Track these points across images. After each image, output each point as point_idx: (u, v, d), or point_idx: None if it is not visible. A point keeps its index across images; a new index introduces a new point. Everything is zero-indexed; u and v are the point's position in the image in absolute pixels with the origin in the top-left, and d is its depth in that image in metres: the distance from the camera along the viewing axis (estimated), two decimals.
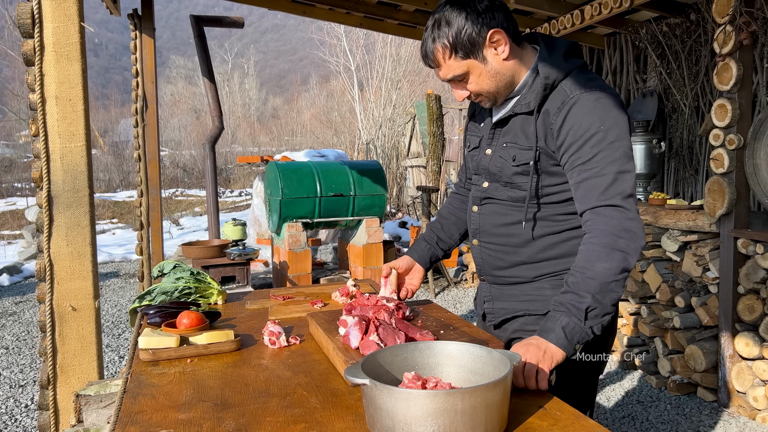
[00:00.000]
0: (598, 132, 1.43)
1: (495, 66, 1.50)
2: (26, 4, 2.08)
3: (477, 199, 1.70)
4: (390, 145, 16.78)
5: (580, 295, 1.35)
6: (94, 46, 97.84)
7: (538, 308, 1.61)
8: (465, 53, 1.47)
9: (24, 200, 17.17)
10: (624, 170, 1.43)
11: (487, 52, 1.48)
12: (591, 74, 1.53)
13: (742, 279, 3.34)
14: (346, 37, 22.52)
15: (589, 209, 1.44)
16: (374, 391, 1.02)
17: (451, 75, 1.51)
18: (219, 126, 6.69)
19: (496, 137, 1.62)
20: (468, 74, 1.51)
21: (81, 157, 2.16)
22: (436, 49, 1.49)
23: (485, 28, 1.45)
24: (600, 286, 1.35)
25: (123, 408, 1.22)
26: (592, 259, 1.38)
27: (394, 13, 5.59)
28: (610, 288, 1.36)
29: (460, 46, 1.46)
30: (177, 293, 2.02)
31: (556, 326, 1.34)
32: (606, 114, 1.45)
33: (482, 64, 1.49)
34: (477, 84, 1.52)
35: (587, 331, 1.34)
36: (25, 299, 6.77)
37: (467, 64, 1.49)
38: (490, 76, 1.51)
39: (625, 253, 1.37)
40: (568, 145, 1.46)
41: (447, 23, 1.46)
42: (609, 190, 1.41)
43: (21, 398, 3.90)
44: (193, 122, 31.42)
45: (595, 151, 1.43)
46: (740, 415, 3.38)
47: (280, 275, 6.40)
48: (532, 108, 1.52)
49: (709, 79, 4.41)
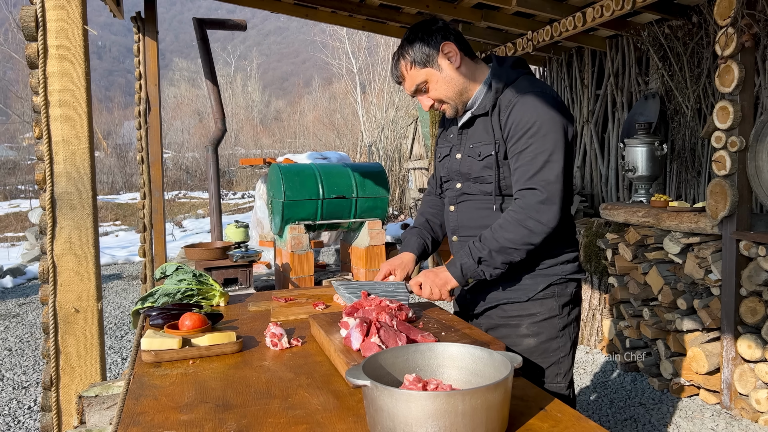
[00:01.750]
0: (533, 126, 1.66)
1: (449, 73, 1.75)
2: (30, 7, 2.09)
3: (453, 199, 1.89)
4: (392, 147, 16.79)
5: (482, 247, 1.67)
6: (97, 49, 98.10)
7: (520, 296, 1.78)
8: (422, 63, 1.73)
9: (27, 202, 17.21)
10: (551, 160, 1.64)
11: (441, 62, 1.74)
12: (534, 80, 1.77)
13: (744, 281, 3.33)
14: (348, 40, 22.56)
15: (518, 190, 1.69)
16: (375, 393, 1.02)
17: (415, 84, 1.76)
18: (222, 128, 6.71)
19: (463, 141, 1.84)
20: (427, 82, 1.76)
21: (84, 160, 2.17)
22: (400, 65, 1.77)
23: (436, 41, 1.73)
24: (498, 248, 1.65)
25: (125, 409, 1.23)
26: (503, 225, 1.67)
27: (397, 16, 5.60)
28: (507, 252, 1.65)
29: (418, 58, 1.73)
30: (179, 295, 2.03)
31: (457, 262, 1.71)
32: (542, 111, 1.66)
33: (438, 71, 1.74)
34: (436, 91, 1.77)
35: (479, 272, 1.68)
36: (29, 301, 6.79)
37: (425, 72, 1.74)
38: (446, 82, 1.75)
39: (531, 231, 1.64)
40: (511, 137, 1.70)
41: (408, 43, 1.75)
42: (535, 176, 1.65)
43: (24, 400, 3.91)
44: (195, 125, 31.47)
45: (529, 143, 1.66)
46: (743, 418, 3.38)
47: (282, 277, 6.40)
48: (487, 109, 1.75)
49: (711, 81, 4.41)
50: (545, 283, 1.76)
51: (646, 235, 3.99)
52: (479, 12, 5.21)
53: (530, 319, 1.76)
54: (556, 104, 1.68)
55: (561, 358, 1.77)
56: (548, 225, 1.63)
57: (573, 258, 1.81)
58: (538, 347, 1.76)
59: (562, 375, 1.78)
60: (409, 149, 14.29)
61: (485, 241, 1.67)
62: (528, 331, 1.75)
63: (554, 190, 1.63)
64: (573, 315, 1.81)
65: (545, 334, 1.76)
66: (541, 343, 1.76)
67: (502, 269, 1.68)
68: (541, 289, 1.76)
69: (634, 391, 3.89)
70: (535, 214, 1.63)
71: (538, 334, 1.75)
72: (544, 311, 1.76)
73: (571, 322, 1.80)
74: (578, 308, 1.85)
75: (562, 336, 1.77)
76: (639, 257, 4.06)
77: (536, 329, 1.75)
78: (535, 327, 1.75)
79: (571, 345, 1.80)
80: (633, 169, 4.41)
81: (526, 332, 1.75)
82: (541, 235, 1.64)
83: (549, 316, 1.76)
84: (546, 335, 1.76)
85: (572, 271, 1.79)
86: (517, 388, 1.27)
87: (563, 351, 1.77)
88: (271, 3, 5.46)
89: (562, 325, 1.77)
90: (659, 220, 3.82)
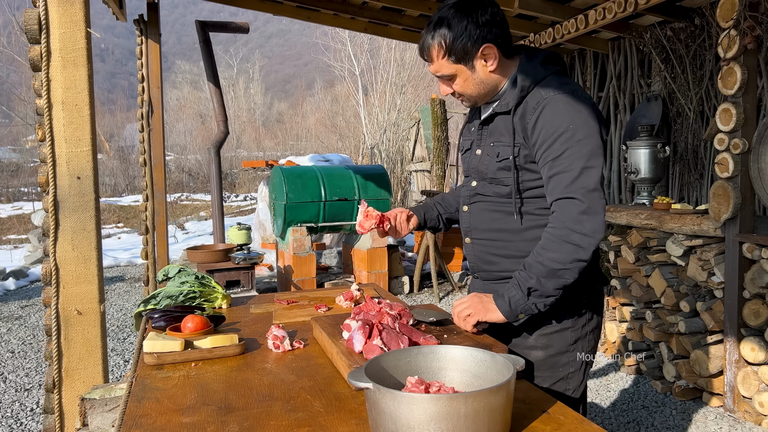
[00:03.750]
0: (567, 130, 1.52)
1: (481, 76, 1.62)
2: (33, 10, 2.10)
3: (467, 198, 1.78)
4: (394, 149, 16.80)
5: (529, 275, 1.51)
6: (100, 52, 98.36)
7: None
8: (457, 58, 1.58)
9: (30, 204, 17.26)
10: (589, 166, 1.51)
11: (477, 63, 1.59)
12: (566, 79, 1.62)
13: (747, 284, 3.32)
14: (350, 42, 22.59)
15: (554, 200, 1.54)
16: (377, 395, 1.02)
17: (441, 73, 1.62)
18: (224, 131, 6.72)
19: (483, 138, 1.72)
20: (456, 76, 1.62)
21: (87, 162, 2.17)
22: (432, 46, 1.59)
23: (480, 40, 1.56)
24: (547, 272, 1.49)
25: (128, 411, 1.23)
26: (546, 246, 1.51)
27: (399, 18, 5.61)
28: (557, 274, 1.49)
29: (454, 51, 1.57)
30: (182, 297, 2.03)
31: (505, 294, 1.53)
32: (576, 114, 1.53)
33: (470, 71, 1.61)
34: (461, 87, 1.64)
35: (530, 306, 1.51)
36: (31, 303, 6.80)
37: (456, 68, 1.60)
38: (476, 83, 1.63)
39: (578, 246, 1.48)
40: (541, 143, 1.55)
41: (448, 26, 1.55)
42: (573, 184, 1.50)
43: (26, 402, 3.91)
44: (198, 127, 31.51)
45: (564, 148, 1.52)
46: (746, 421, 3.36)
47: (284, 279, 6.41)
48: (510, 108, 1.61)
49: (714, 83, 4.41)
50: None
51: (649, 238, 3.98)
52: None
53: (540, 330, 1.64)
54: (589, 105, 1.55)
55: (570, 373, 1.65)
56: (595, 236, 1.48)
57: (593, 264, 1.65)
58: (546, 361, 1.64)
59: (570, 391, 1.66)
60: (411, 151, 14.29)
61: (530, 269, 1.51)
62: (536, 342, 1.64)
63: (595, 198, 1.49)
64: (589, 327, 1.68)
65: (554, 348, 1.64)
66: (549, 356, 1.64)
67: (555, 296, 1.51)
68: None
69: (636, 393, 3.88)
70: (578, 227, 1.47)
71: (547, 347, 1.64)
72: (555, 323, 1.64)
73: (585, 335, 1.67)
74: (596, 320, 1.70)
75: (573, 350, 1.65)
76: (641, 260, 4.05)
77: (546, 341, 1.64)
78: (545, 339, 1.64)
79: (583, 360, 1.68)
80: (635, 171, 4.41)
81: (534, 344, 1.65)
82: (590, 249, 1.48)
83: (561, 329, 1.64)
84: (555, 348, 1.64)
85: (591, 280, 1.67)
86: (520, 391, 1.27)
87: (573, 366, 1.65)
88: (273, 6, 5.47)
89: (574, 338, 1.65)
90: (662, 223, 3.81)
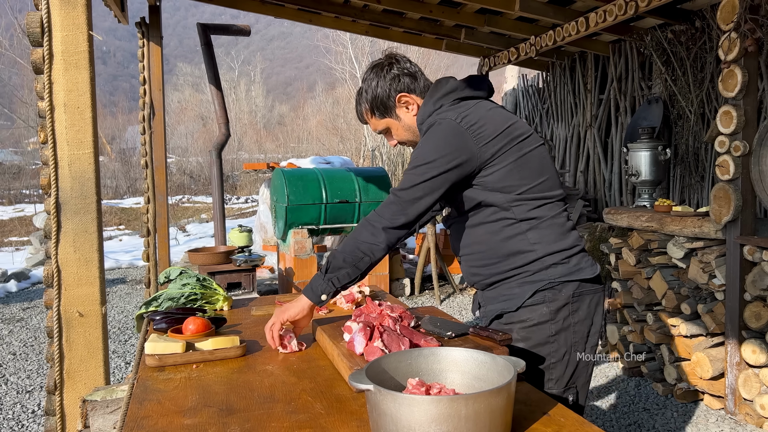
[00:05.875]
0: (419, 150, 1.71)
1: (407, 122, 1.82)
2: (36, 13, 2.11)
3: (446, 223, 1.95)
4: (395, 152, 16.80)
5: (333, 256, 1.69)
6: (101, 54, 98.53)
7: (511, 306, 1.76)
8: (381, 113, 1.82)
9: (32, 207, 17.28)
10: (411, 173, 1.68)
11: (400, 111, 1.81)
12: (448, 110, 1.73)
13: (748, 286, 3.32)
14: (351, 45, 22.62)
15: None
16: (378, 397, 1.02)
17: (378, 129, 1.86)
18: (225, 133, 6.73)
19: None
20: (389, 129, 1.85)
21: (89, 164, 2.18)
22: (362, 111, 1.85)
23: (393, 92, 1.78)
24: (342, 250, 1.69)
25: (129, 413, 1.23)
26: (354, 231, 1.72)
27: (400, 21, 5.62)
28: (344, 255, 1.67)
29: (377, 108, 1.81)
30: (183, 299, 2.04)
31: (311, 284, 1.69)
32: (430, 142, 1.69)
33: (397, 120, 1.82)
34: (399, 136, 1.87)
35: (327, 283, 1.66)
36: (33, 305, 6.80)
37: (386, 122, 1.84)
38: (405, 129, 1.84)
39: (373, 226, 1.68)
40: None
41: (365, 90, 1.81)
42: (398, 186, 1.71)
43: (28, 404, 3.92)
44: (199, 129, 31.54)
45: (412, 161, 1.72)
46: (747, 423, 3.36)
47: (285, 281, 6.41)
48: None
49: (715, 85, 4.41)
50: (532, 290, 1.71)
51: (650, 240, 3.98)
52: (482, 17, 5.22)
53: (521, 324, 1.74)
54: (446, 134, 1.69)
55: (552, 363, 1.73)
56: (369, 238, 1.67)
57: (562, 260, 1.72)
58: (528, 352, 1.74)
59: (554, 381, 1.74)
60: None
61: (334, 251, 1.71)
62: (518, 335, 1.74)
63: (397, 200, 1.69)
64: (573, 319, 1.73)
65: (534, 340, 1.72)
66: (530, 347, 1.74)
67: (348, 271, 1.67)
68: (528, 296, 1.72)
69: (638, 396, 3.87)
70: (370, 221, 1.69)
71: (527, 339, 1.73)
72: (535, 317, 1.72)
73: (568, 327, 1.73)
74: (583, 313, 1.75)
75: (553, 342, 1.72)
76: (642, 262, 4.05)
77: (525, 334, 1.73)
78: (524, 332, 1.73)
79: (565, 351, 1.74)
80: (636, 173, 4.41)
81: (516, 337, 1.74)
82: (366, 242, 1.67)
83: (539, 322, 1.72)
84: (534, 341, 1.72)
85: (564, 274, 1.72)
86: (521, 393, 1.27)
87: (555, 357, 1.72)
88: (274, 8, 5.48)
89: (555, 330, 1.72)
90: (663, 225, 3.81)
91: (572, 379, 1.76)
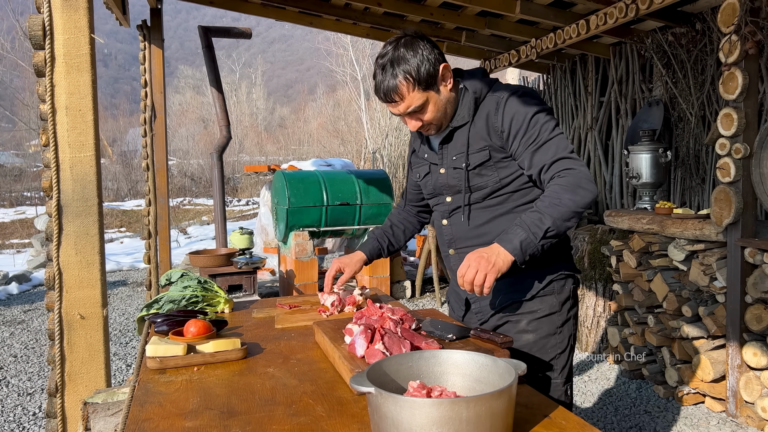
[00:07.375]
0: (535, 115, 1.66)
1: (445, 96, 1.73)
2: (37, 16, 2.11)
3: (445, 213, 1.87)
4: (396, 154, 16.81)
5: (543, 217, 1.54)
6: (103, 57, 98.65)
7: (523, 295, 1.79)
8: (426, 85, 1.67)
9: (33, 209, 17.30)
10: (561, 135, 1.65)
11: (440, 85, 1.71)
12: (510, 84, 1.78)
13: (749, 288, 3.32)
14: (352, 47, 22.65)
15: (547, 164, 1.63)
16: (379, 400, 1.03)
17: (413, 106, 1.69)
18: (226, 135, 6.73)
19: (444, 157, 1.82)
20: (426, 104, 1.70)
21: (90, 167, 2.18)
22: (399, 84, 1.66)
23: (436, 62, 1.68)
24: (562, 213, 1.54)
25: (130, 416, 1.23)
26: (559, 192, 1.56)
27: (401, 24, 5.62)
28: (569, 216, 1.55)
29: (422, 79, 1.66)
30: (184, 302, 2.04)
31: (515, 239, 1.53)
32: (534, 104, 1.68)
33: (437, 94, 1.71)
34: (432, 113, 1.72)
35: (539, 247, 1.55)
36: (34, 307, 6.81)
37: (427, 96, 1.69)
38: (442, 105, 1.72)
39: (587, 191, 1.56)
40: (515, 131, 1.67)
41: (405, 61, 1.65)
42: (559, 150, 1.62)
43: (29, 406, 3.92)
44: (200, 132, 31.57)
45: (537, 128, 1.65)
46: (748, 426, 3.36)
47: (286, 284, 6.41)
48: (467, 120, 1.75)
49: (715, 88, 4.41)
50: (547, 279, 1.78)
51: (651, 242, 3.98)
52: (483, 20, 5.22)
53: (531, 315, 1.79)
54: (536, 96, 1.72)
55: (558, 354, 1.80)
56: (594, 189, 1.58)
57: (568, 254, 1.84)
58: (537, 343, 1.79)
59: (558, 371, 1.81)
60: None
61: (543, 209, 1.55)
62: (528, 327, 1.79)
63: (577, 157, 1.63)
64: (572, 313, 1.84)
65: (544, 330, 1.79)
66: (539, 339, 1.79)
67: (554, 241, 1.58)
68: (543, 287, 1.78)
69: (639, 398, 3.87)
70: (585, 178, 1.58)
71: (537, 330, 1.79)
72: (545, 308, 1.79)
73: (569, 319, 1.83)
74: (576, 307, 1.88)
75: (560, 333, 1.80)
76: (643, 264, 4.05)
77: (536, 325, 1.79)
78: (535, 323, 1.79)
79: (568, 342, 1.83)
80: (637, 176, 4.41)
81: (526, 328, 1.79)
82: (592, 197, 1.57)
83: (549, 313, 1.79)
84: (545, 331, 1.79)
85: (569, 268, 1.83)
86: (522, 396, 1.27)
87: (560, 347, 1.80)
88: (275, 11, 5.49)
89: (560, 321, 1.80)
90: (664, 227, 3.81)
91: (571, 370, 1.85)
